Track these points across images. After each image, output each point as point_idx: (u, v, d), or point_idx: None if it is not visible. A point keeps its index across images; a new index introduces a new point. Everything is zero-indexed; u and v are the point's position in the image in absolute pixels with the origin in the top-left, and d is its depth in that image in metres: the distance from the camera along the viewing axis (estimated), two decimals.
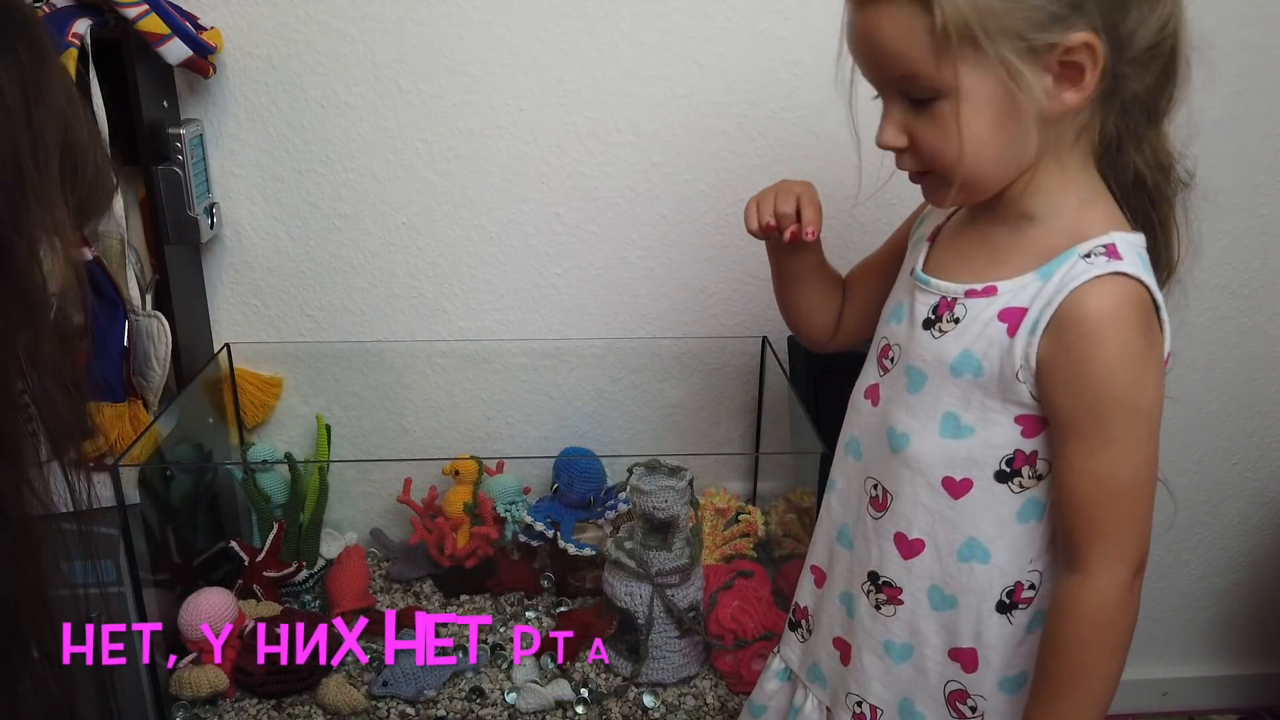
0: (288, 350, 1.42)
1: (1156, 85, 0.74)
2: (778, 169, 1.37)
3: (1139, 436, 0.73)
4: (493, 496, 1.36)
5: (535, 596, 1.39)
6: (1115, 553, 0.74)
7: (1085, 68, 0.69)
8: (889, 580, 0.85)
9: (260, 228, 1.36)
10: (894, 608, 0.85)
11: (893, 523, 0.84)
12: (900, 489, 0.83)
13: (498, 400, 1.46)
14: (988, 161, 0.73)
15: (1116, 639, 0.76)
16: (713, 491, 1.41)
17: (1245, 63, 1.35)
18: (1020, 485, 0.78)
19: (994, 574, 0.80)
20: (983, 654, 0.82)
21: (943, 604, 0.83)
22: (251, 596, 1.29)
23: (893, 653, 0.86)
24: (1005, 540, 0.80)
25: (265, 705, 1.19)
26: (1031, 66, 0.69)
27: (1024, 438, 0.77)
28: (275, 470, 1.38)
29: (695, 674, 1.25)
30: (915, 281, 0.84)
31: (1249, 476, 1.61)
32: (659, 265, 1.41)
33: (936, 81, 0.71)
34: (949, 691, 0.85)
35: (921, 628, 0.84)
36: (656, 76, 1.31)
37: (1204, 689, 1.76)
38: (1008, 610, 0.81)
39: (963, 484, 0.80)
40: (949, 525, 0.81)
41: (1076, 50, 0.69)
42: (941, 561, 0.82)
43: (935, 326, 0.80)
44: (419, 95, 1.31)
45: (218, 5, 1.25)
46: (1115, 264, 0.72)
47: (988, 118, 0.71)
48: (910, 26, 0.70)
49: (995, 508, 0.79)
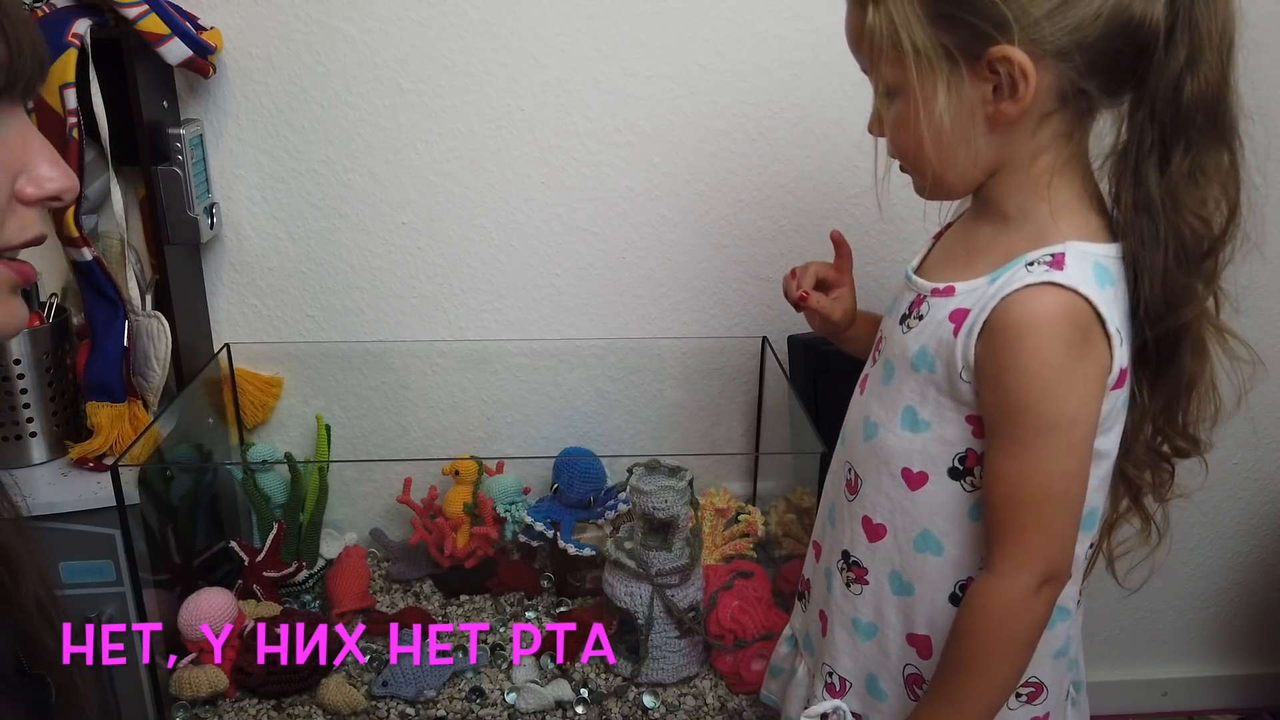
0: (288, 350, 1.42)
1: (1162, 124, 0.73)
2: (777, 169, 1.37)
3: (1053, 447, 0.73)
4: (493, 497, 1.36)
5: (535, 596, 1.39)
6: (1019, 556, 0.75)
7: (1016, 79, 0.70)
8: (857, 560, 0.88)
9: (260, 228, 1.36)
10: (861, 587, 0.88)
11: (861, 506, 0.87)
12: (868, 475, 0.86)
13: (498, 400, 1.46)
14: (938, 161, 0.76)
15: (1009, 641, 0.77)
16: (713, 491, 1.41)
17: (1245, 63, 1.35)
18: (972, 485, 0.80)
19: (946, 567, 0.82)
20: (936, 642, 0.84)
21: (902, 589, 0.85)
22: (251, 596, 1.29)
23: (859, 630, 0.89)
24: (957, 536, 0.81)
25: (265, 705, 1.19)
26: (966, 75, 0.72)
27: (974, 437, 0.79)
28: (275, 470, 1.38)
29: (695, 674, 1.25)
30: (905, 280, 0.87)
31: (1249, 477, 1.61)
32: (659, 265, 1.41)
33: (887, 78, 0.75)
34: (907, 674, 0.87)
35: (884, 609, 0.87)
36: (656, 76, 1.31)
37: (1204, 689, 1.76)
38: (960, 602, 0.82)
39: (919, 476, 0.82)
40: (906, 515, 0.83)
41: (999, 61, 0.70)
42: (900, 549, 0.84)
43: (906, 322, 0.83)
44: (419, 95, 1.31)
45: (218, 5, 1.25)
46: (1053, 274, 0.72)
47: (932, 118, 0.73)
48: (861, 25, 0.75)
49: (948, 504, 0.81)
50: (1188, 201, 0.74)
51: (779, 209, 1.39)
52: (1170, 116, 0.72)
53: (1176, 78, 0.71)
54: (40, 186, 0.56)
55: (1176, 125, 0.72)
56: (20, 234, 0.56)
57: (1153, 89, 0.72)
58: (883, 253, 1.38)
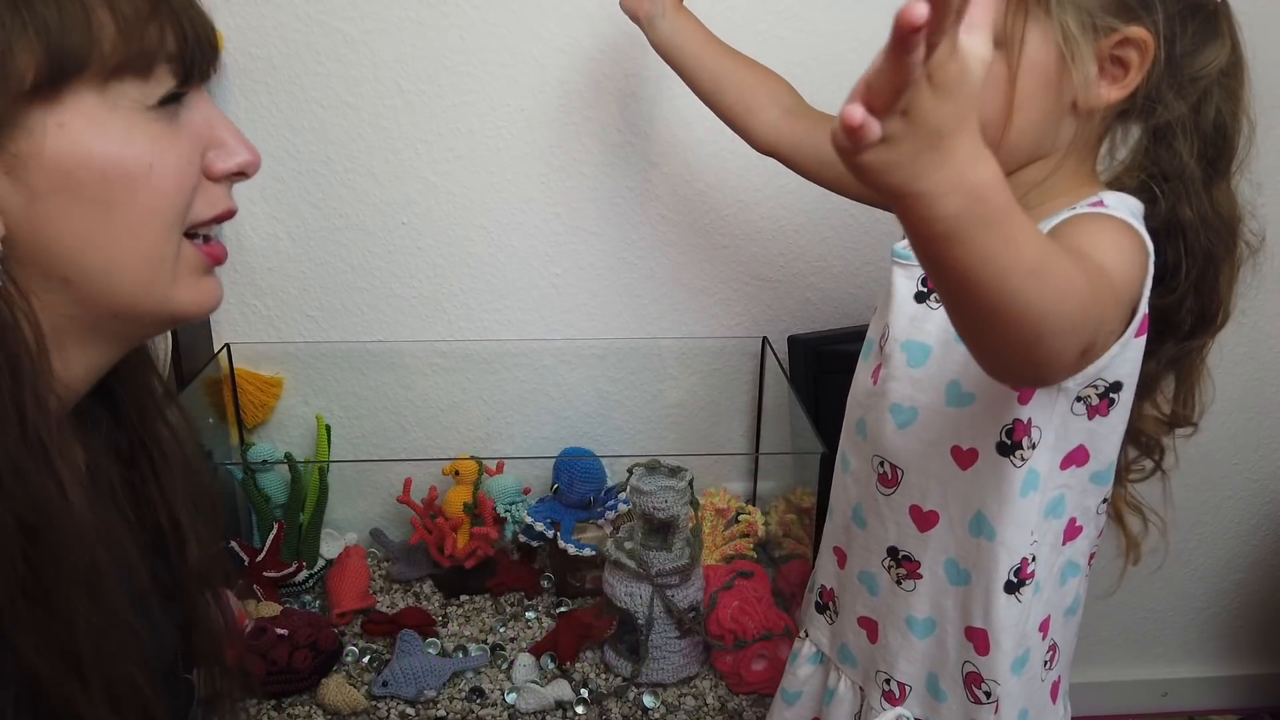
0: (288, 350, 1.42)
1: (1209, 143, 0.75)
2: (778, 169, 1.36)
3: (1114, 257, 0.69)
4: (493, 497, 1.36)
5: (535, 597, 1.39)
6: (1100, 286, 0.67)
7: (1132, 65, 0.70)
8: (908, 554, 0.86)
9: (260, 228, 1.36)
10: (914, 582, 0.86)
11: (906, 496, 0.85)
12: (911, 463, 0.84)
13: (498, 400, 1.46)
14: (1015, 130, 0.73)
15: (1053, 282, 0.60)
16: (713, 491, 1.41)
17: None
18: (1021, 459, 0.78)
19: (999, 552, 0.81)
20: (993, 636, 0.82)
21: (958, 578, 0.83)
22: (251, 596, 1.29)
23: (915, 628, 0.87)
24: (1009, 516, 0.80)
25: (265, 705, 1.19)
26: (1087, 47, 0.70)
27: (1020, 404, 0.77)
28: (275, 470, 1.38)
29: (695, 674, 1.25)
30: (894, 259, 0.85)
31: (1249, 477, 1.61)
32: (659, 265, 1.41)
33: (999, 28, 0.70)
34: (965, 673, 0.85)
35: (941, 602, 0.85)
36: (656, 76, 1.31)
37: (1204, 689, 1.76)
38: (1015, 589, 0.81)
39: (969, 454, 0.80)
40: (960, 497, 0.82)
41: (1132, 43, 0.69)
42: (955, 534, 0.83)
43: (930, 298, 0.82)
44: (419, 95, 1.31)
45: (218, 5, 1.23)
46: (1099, 209, 0.73)
47: (1032, 83, 0.71)
48: None
49: (999, 484, 0.79)
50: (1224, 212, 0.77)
51: (779, 209, 1.39)
52: (1211, 135, 0.75)
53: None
54: (228, 160, 0.57)
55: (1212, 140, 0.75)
56: (209, 209, 0.57)
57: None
58: (884, 253, 1.38)
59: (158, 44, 0.52)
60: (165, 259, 0.55)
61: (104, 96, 0.50)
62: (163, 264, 0.55)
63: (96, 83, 0.50)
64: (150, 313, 0.56)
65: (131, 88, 0.51)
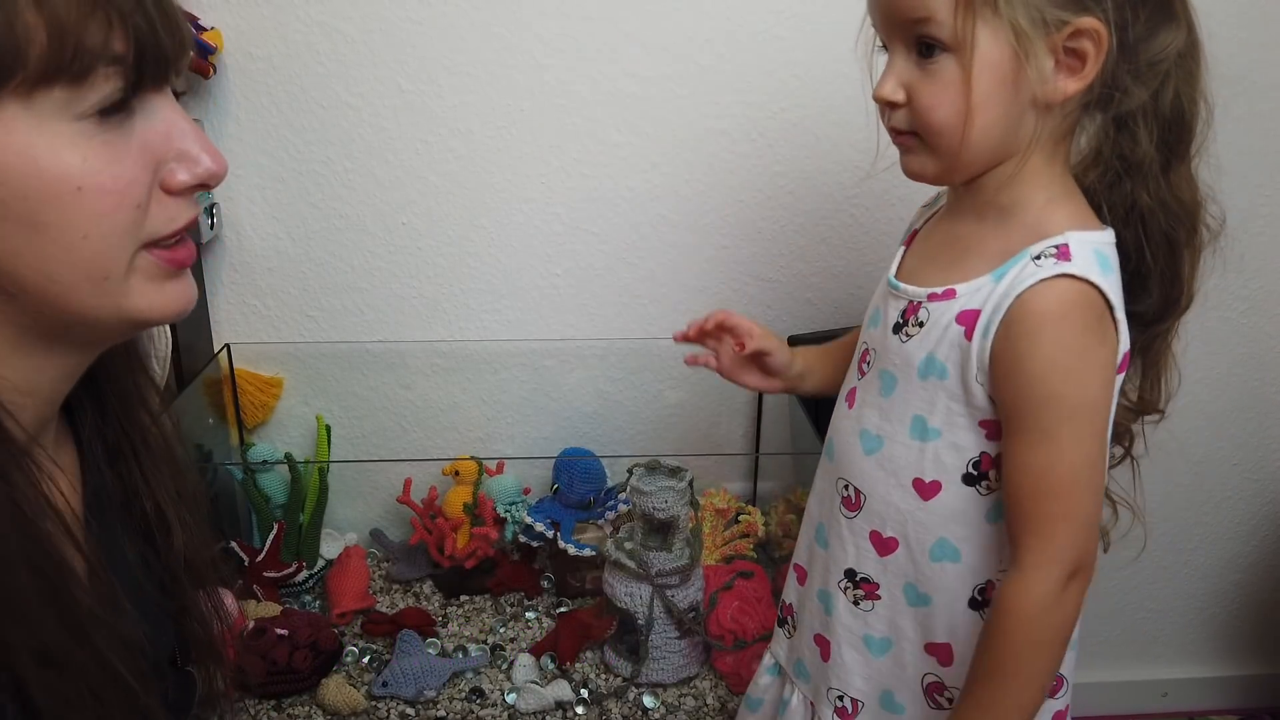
0: (288, 350, 1.42)
1: (1168, 128, 0.74)
2: (777, 169, 1.37)
3: (1078, 434, 0.73)
4: (493, 497, 1.36)
5: (535, 597, 1.39)
6: (1049, 550, 0.73)
7: (1088, 56, 0.70)
8: (866, 576, 0.86)
9: (260, 228, 1.36)
10: (872, 603, 0.86)
11: (867, 521, 0.85)
12: (874, 489, 0.84)
13: (498, 400, 1.46)
14: (976, 130, 0.72)
15: (1043, 638, 0.75)
16: (713, 492, 1.41)
17: (1245, 63, 1.35)
18: (988, 487, 0.79)
19: (965, 573, 0.81)
20: (957, 649, 0.83)
21: (918, 600, 0.84)
22: (251, 596, 1.29)
23: (872, 646, 0.87)
24: (976, 541, 0.80)
25: (265, 705, 1.19)
26: (1040, 42, 0.70)
27: (988, 440, 0.78)
28: (275, 470, 1.38)
29: (695, 674, 1.25)
30: (888, 288, 0.85)
31: (1249, 477, 1.61)
32: (659, 265, 1.41)
33: (949, 31, 0.70)
34: (927, 683, 0.86)
35: (899, 622, 0.85)
36: (656, 76, 1.31)
37: (1204, 689, 1.76)
38: (980, 607, 0.82)
39: (932, 485, 0.80)
40: (920, 526, 0.82)
41: (1085, 34, 0.69)
42: (914, 560, 0.83)
43: (903, 330, 0.81)
44: (419, 95, 1.31)
45: (218, 5, 1.25)
46: (1063, 266, 0.72)
47: (988, 83, 0.71)
48: None
49: (965, 510, 0.80)
50: (1187, 200, 0.76)
51: (779, 209, 1.39)
52: (1170, 120, 0.73)
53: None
54: (188, 173, 0.53)
55: (1173, 127, 0.74)
56: (167, 225, 0.53)
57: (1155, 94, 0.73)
58: (883, 253, 1.38)
59: (99, 46, 0.46)
60: (112, 275, 0.51)
61: (29, 107, 0.46)
62: (108, 281, 0.51)
63: (20, 92, 0.45)
64: (107, 320, 0.52)
65: (63, 96, 0.46)
